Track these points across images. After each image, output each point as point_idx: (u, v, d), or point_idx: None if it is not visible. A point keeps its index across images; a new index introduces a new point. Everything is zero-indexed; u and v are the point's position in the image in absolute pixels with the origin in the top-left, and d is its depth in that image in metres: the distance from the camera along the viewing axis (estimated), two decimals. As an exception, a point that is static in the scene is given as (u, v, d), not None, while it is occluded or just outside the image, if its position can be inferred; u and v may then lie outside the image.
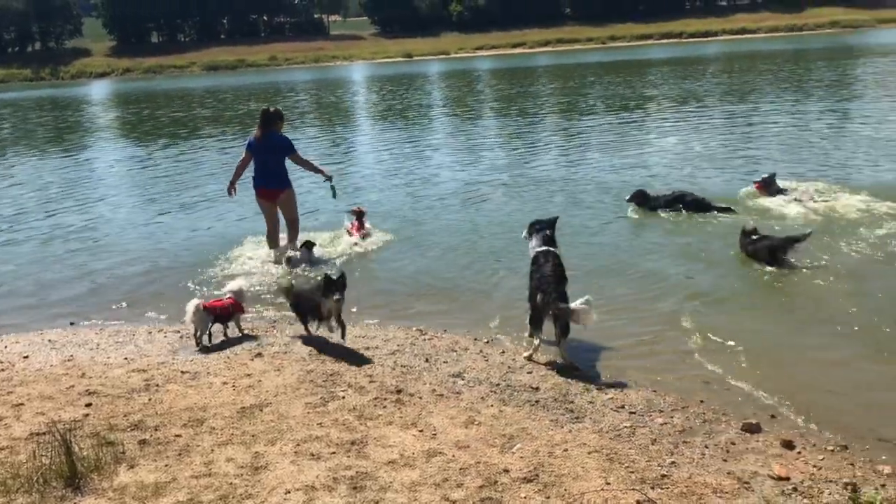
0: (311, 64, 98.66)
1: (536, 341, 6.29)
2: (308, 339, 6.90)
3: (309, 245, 9.60)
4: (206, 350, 6.77)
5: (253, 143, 9.64)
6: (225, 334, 7.05)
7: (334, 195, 10.01)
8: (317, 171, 9.95)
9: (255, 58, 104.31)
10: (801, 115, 20.52)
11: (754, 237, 8.59)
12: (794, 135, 17.25)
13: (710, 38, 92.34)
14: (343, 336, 6.66)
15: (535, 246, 6.74)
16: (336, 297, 6.50)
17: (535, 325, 6.27)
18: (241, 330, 7.11)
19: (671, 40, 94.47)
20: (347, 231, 10.39)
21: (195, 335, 6.85)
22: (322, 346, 6.68)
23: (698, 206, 10.57)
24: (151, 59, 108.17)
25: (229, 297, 7.02)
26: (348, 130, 25.68)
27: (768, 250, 8.35)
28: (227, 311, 6.92)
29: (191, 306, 6.72)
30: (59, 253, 10.78)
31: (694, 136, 18.21)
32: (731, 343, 6.35)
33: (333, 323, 6.69)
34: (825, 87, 27.87)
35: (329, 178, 9.86)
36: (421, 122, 26.12)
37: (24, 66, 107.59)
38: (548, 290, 6.11)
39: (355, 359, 6.35)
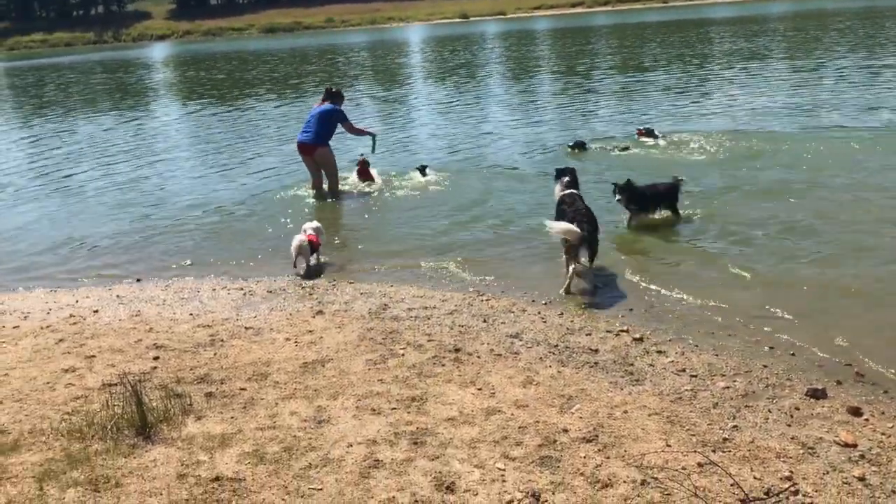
0: (367, 25, 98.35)
1: (571, 268, 6.82)
2: (368, 298, 6.98)
3: (422, 168, 11.71)
4: (303, 276, 7.82)
5: (312, 110, 11.51)
6: (318, 261, 8.15)
7: (373, 150, 11.88)
8: (364, 133, 11.83)
9: (312, 20, 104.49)
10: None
11: (638, 190, 8.84)
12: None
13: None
14: None
15: (560, 190, 7.62)
16: None
17: (572, 254, 6.80)
18: (319, 261, 8.19)
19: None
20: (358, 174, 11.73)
21: (294, 265, 7.92)
22: (381, 305, 6.75)
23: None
24: (210, 22, 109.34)
25: (311, 234, 8.08)
26: (386, 92, 25.62)
27: (660, 197, 8.82)
28: (316, 245, 8.11)
29: (296, 240, 7.86)
30: (128, 211, 11.06)
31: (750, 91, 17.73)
32: (794, 309, 6.20)
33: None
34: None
35: (373, 137, 11.79)
36: (474, 82, 25.91)
37: (87, 30, 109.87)
38: (581, 220, 6.87)
39: (413, 318, 6.40)
